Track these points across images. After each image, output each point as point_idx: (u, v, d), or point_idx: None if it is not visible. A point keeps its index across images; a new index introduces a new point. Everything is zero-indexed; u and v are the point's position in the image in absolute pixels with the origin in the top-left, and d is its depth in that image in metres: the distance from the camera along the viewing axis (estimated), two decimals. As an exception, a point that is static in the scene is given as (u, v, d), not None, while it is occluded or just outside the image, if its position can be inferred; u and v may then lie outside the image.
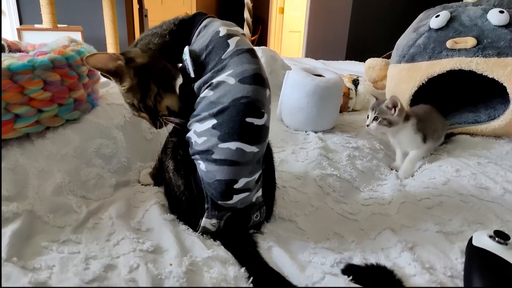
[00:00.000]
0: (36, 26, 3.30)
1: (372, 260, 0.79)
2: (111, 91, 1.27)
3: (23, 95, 0.91)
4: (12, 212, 0.79)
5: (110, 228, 0.84)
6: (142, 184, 1.05)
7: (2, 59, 0.93)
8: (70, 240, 0.79)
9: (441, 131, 1.35)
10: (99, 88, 1.21)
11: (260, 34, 5.92)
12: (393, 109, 1.19)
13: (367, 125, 1.23)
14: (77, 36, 3.01)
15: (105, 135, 1.07)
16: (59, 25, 3.27)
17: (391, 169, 1.28)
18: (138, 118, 1.17)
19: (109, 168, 1.04)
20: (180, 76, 0.92)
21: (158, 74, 0.88)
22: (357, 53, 3.61)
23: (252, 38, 5.17)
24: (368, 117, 1.24)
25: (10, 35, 3.46)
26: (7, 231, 0.75)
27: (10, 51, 1.19)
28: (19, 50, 1.20)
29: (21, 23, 3.67)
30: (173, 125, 0.92)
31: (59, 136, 0.99)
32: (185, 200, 0.84)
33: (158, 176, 1.00)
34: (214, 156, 0.80)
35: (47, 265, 0.70)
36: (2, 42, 1.18)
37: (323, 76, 1.51)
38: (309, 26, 4.52)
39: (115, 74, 0.86)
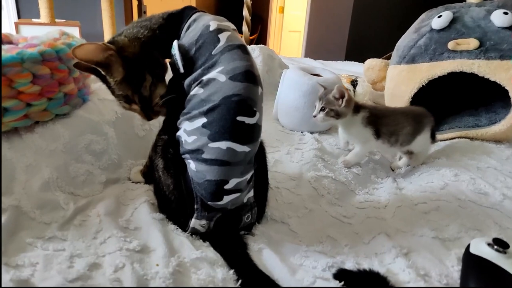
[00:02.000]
0: (34, 20, 3.27)
1: (365, 265, 0.76)
2: (103, 86, 1.24)
3: (11, 88, 0.88)
4: (-3, 207, 0.77)
5: (98, 225, 0.82)
6: (132, 182, 1.03)
7: (-10, 50, 0.91)
8: (55, 237, 0.77)
9: (405, 136, 1.19)
10: (91, 83, 1.19)
11: (260, 33, 5.89)
12: (340, 100, 1.14)
13: (314, 116, 1.18)
14: (75, 31, 2.98)
15: (95, 131, 1.04)
16: (57, 20, 3.25)
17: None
18: (131, 114, 1.15)
19: (99, 165, 1.01)
20: (168, 69, 0.89)
21: (152, 63, 0.85)
22: (357, 54, 3.59)
23: (251, 37, 5.15)
24: (316, 107, 1.19)
25: (8, 29, 3.43)
26: (-9, 227, 0.73)
27: (1, 43, 1.16)
28: (11, 43, 1.18)
29: (19, 17, 3.64)
30: (162, 122, 0.90)
31: (48, 131, 0.97)
32: (174, 199, 0.82)
33: (149, 174, 0.97)
34: (204, 156, 0.77)
35: (30, 262, 0.68)
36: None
37: (321, 76, 1.49)
38: (309, 26, 4.50)
39: (105, 65, 0.82)
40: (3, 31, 1.24)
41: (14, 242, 0.73)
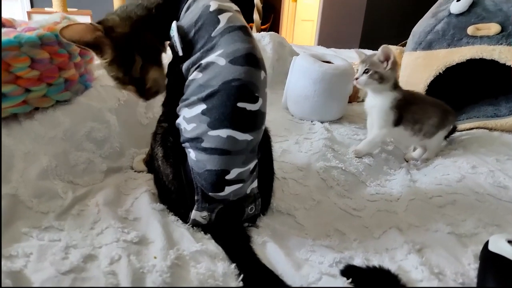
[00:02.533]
0: (46, 9, 3.27)
1: (375, 261, 0.72)
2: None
3: (8, 72, 0.85)
4: (-8, 196, 0.75)
5: (96, 215, 0.79)
6: (135, 171, 1.00)
7: (-13, 34, 0.88)
8: (52, 226, 0.75)
9: (429, 127, 1.14)
10: (94, 69, 1.16)
11: (272, 22, 5.80)
12: (385, 62, 1.09)
13: (356, 78, 1.13)
14: (87, 20, 2.97)
15: (97, 118, 1.01)
16: (68, 9, 3.24)
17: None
18: (134, 101, 1.12)
19: (101, 153, 0.99)
20: (168, 51, 0.85)
21: (142, 44, 0.81)
22: (371, 42, 3.48)
23: (264, 27, 5.07)
24: (357, 71, 1.14)
25: (21, 18, 3.44)
26: (-14, 215, 0.71)
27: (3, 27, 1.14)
28: (13, 27, 1.15)
29: (32, 7, 3.65)
30: (162, 109, 0.87)
31: (48, 118, 0.94)
32: (174, 190, 0.79)
33: (151, 163, 0.94)
34: (204, 145, 0.73)
35: (24, 252, 0.66)
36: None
37: (332, 63, 1.43)
38: (323, 15, 4.40)
39: (94, 46, 0.79)
40: (9, 17, 1.21)
41: (9, 232, 0.71)
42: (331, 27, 4.35)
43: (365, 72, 1.11)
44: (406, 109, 1.12)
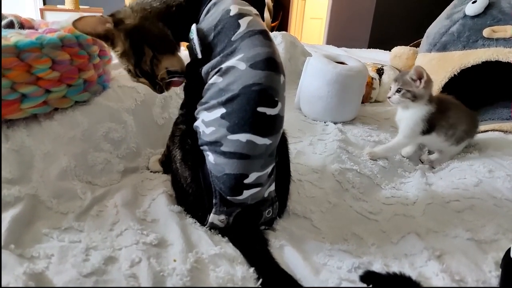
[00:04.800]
0: (59, 6, 3.29)
1: (395, 267, 0.72)
2: (123, 73, 1.22)
3: (30, 74, 0.87)
4: (13, 196, 0.76)
5: (114, 216, 0.80)
6: (151, 171, 1.01)
7: (10, 35, 0.89)
8: (72, 227, 0.75)
9: (461, 133, 1.16)
10: (111, 69, 1.16)
11: (281, 20, 5.78)
12: (418, 81, 1.09)
13: (389, 97, 1.14)
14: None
15: (115, 119, 1.02)
16: (80, 6, 3.25)
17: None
18: (150, 101, 1.13)
19: (118, 153, 0.99)
20: (186, 53, 0.85)
21: (151, 36, 0.81)
22: (381, 41, 3.46)
23: (273, 25, 5.05)
24: (390, 89, 1.15)
25: (33, 15, 3.47)
26: (7, 216, 0.72)
27: (23, 28, 1.15)
28: (32, 28, 1.16)
29: (44, 4, 3.67)
30: (179, 111, 0.87)
31: (68, 118, 0.95)
32: (192, 193, 0.79)
33: (167, 163, 0.95)
34: (223, 148, 0.73)
35: (45, 254, 0.67)
36: (15, 18, 1.14)
37: (346, 64, 1.42)
38: (332, 13, 4.37)
39: (106, 38, 0.80)
40: (26, 16, 1.23)
41: (30, 233, 0.72)
42: (340, 25, 4.31)
43: (398, 91, 1.11)
44: (439, 117, 1.13)
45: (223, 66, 0.74)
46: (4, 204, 0.74)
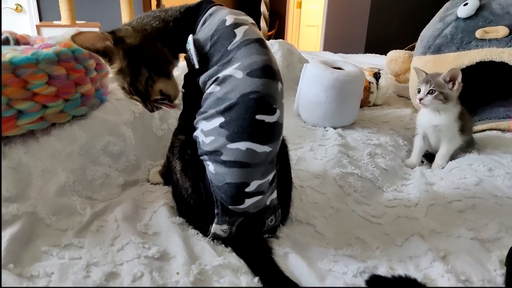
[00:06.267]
0: (55, 22, 3.30)
1: (400, 270, 0.71)
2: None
3: (26, 90, 0.86)
4: (11, 214, 0.75)
5: (115, 231, 0.79)
6: (151, 183, 1.00)
7: (5, 51, 0.89)
8: (72, 244, 0.74)
9: (470, 129, 1.23)
10: (109, 82, 1.16)
11: (277, 29, 5.82)
12: (451, 83, 1.10)
13: (420, 99, 1.13)
14: (95, 32, 3.00)
15: (113, 132, 1.02)
16: (77, 22, 3.27)
17: (406, 166, 1.20)
18: (148, 113, 1.12)
19: (117, 167, 0.99)
20: (184, 64, 0.86)
21: (150, 58, 0.81)
22: (377, 46, 3.48)
23: (269, 33, 5.07)
24: (419, 91, 1.14)
25: (30, 31, 3.48)
26: (6, 235, 0.71)
27: (18, 44, 1.15)
28: (28, 44, 1.16)
29: (40, 20, 3.69)
30: (178, 121, 0.87)
31: (65, 133, 0.94)
32: (194, 203, 0.78)
33: (168, 174, 0.94)
34: (223, 158, 0.73)
35: (45, 272, 0.66)
36: (10, 35, 1.14)
37: (343, 69, 1.43)
38: (328, 20, 4.40)
39: (104, 54, 0.80)
40: (23, 33, 1.23)
41: (29, 251, 0.71)
42: (336, 32, 4.35)
43: (430, 92, 1.11)
44: (464, 117, 1.16)
45: (220, 75, 0.74)
46: (2, 223, 0.73)
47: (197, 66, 0.78)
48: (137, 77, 0.81)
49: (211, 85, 0.76)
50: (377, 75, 1.72)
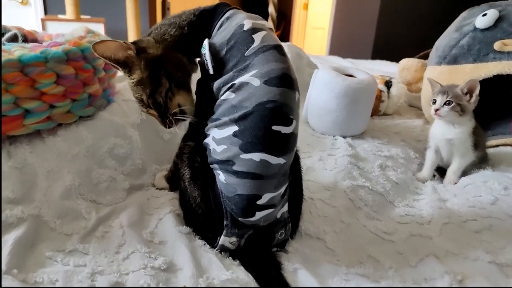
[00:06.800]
0: (60, 16, 3.29)
1: (415, 293, 0.68)
2: (129, 86, 1.20)
3: (34, 89, 0.84)
4: (16, 217, 0.73)
5: (121, 238, 0.77)
6: (157, 188, 0.98)
7: (14, 49, 0.87)
8: (76, 250, 0.72)
9: (483, 146, 1.21)
10: (116, 82, 1.14)
11: (283, 30, 5.80)
12: (468, 95, 1.08)
13: (436, 110, 1.10)
14: (100, 28, 2.98)
15: (119, 134, 0.99)
16: (82, 16, 3.26)
17: (418, 180, 1.17)
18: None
19: (123, 170, 0.96)
20: (198, 71, 0.83)
21: (171, 69, 0.80)
22: (385, 51, 3.45)
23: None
24: (434, 102, 1.11)
25: (35, 25, 3.46)
26: (9, 238, 0.69)
27: (26, 41, 1.12)
28: (36, 40, 1.14)
29: (45, 14, 3.67)
30: (188, 127, 0.84)
31: (72, 134, 0.92)
32: (202, 213, 0.76)
33: (174, 180, 0.91)
34: (235, 168, 0.70)
35: (49, 279, 0.64)
36: (18, 31, 1.12)
37: (354, 77, 1.40)
38: (335, 22, 4.37)
39: (124, 64, 0.79)
40: (29, 28, 1.21)
41: (33, 256, 0.69)
42: (343, 35, 4.31)
43: (446, 103, 1.08)
44: (478, 132, 1.14)
45: (236, 81, 0.72)
46: (6, 225, 0.71)
47: (211, 72, 0.76)
48: (157, 88, 0.79)
49: (226, 91, 0.73)
50: (388, 84, 1.69)
